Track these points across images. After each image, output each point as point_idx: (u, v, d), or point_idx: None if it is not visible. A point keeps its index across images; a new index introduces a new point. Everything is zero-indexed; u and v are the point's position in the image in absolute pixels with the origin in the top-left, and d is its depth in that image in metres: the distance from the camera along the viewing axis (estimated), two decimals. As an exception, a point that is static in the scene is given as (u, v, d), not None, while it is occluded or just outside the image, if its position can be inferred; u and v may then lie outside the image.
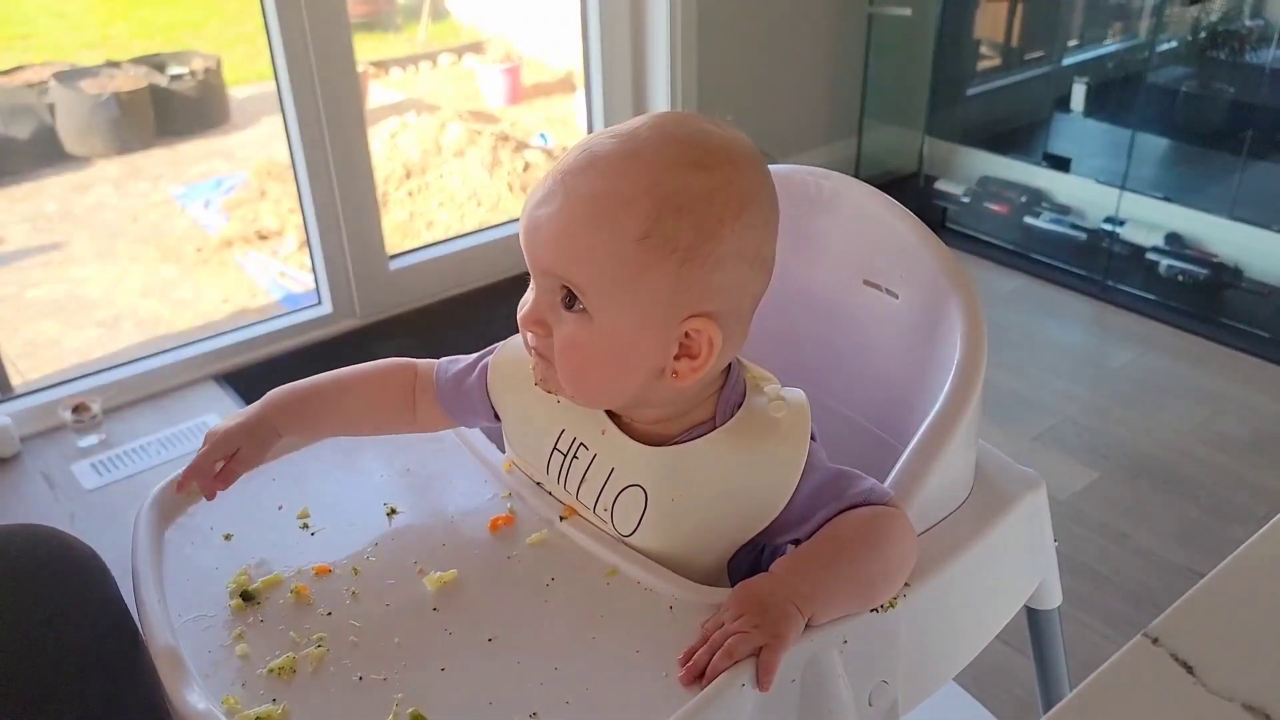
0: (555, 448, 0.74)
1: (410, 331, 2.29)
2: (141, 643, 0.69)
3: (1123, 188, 2.42)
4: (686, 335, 0.66)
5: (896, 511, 0.69)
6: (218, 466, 0.76)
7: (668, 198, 0.63)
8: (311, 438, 0.83)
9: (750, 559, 0.73)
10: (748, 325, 0.70)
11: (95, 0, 4.30)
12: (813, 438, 0.71)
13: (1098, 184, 2.51)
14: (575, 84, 3.60)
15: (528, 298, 0.69)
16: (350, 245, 2.24)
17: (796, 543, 0.70)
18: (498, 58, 4.00)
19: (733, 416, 0.70)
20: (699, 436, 0.70)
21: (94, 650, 0.65)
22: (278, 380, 0.81)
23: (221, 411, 2.01)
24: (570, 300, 0.65)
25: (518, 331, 0.79)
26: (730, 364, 0.73)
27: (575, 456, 0.73)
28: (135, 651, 0.67)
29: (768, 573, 0.66)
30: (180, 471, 0.76)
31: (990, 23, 2.88)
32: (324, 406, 0.80)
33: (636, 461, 0.70)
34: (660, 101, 2.52)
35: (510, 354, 0.77)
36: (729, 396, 0.71)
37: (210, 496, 0.76)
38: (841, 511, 0.68)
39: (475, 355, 0.80)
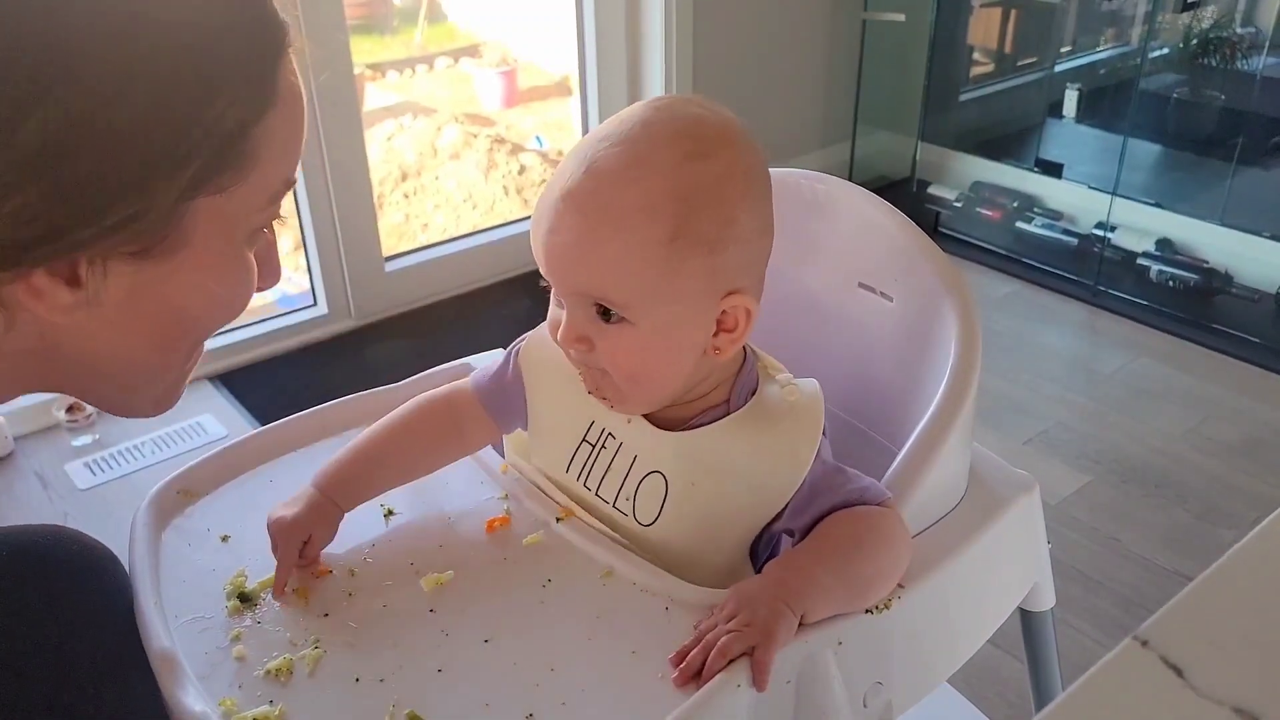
0: (584, 439, 0.74)
1: (405, 333, 2.29)
2: None
3: (1114, 193, 2.43)
4: (724, 313, 0.67)
5: (891, 511, 0.70)
6: (296, 556, 0.72)
7: (686, 196, 0.63)
8: (373, 497, 0.77)
9: (769, 548, 0.73)
10: (763, 286, 0.71)
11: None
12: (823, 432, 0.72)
13: (1090, 189, 2.52)
14: (571, 88, 3.60)
15: (558, 316, 0.68)
16: (346, 247, 2.23)
17: (791, 533, 0.71)
18: (494, 61, 4.00)
19: (746, 403, 0.71)
20: (714, 421, 0.71)
21: (112, 650, 0.65)
22: (273, 382, 0.80)
23: (216, 412, 2.00)
24: (607, 314, 0.65)
25: (514, 335, 0.80)
26: (745, 352, 0.74)
27: (603, 447, 0.73)
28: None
29: (760, 574, 0.67)
30: (274, 576, 0.71)
31: (984, 29, 2.90)
32: (376, 470, 0.77)
33: (657, 447, 0.71)
34: (655, 105, 2.52)
35: (539, 341, 0.77)
36: (744, 382, 0.72)
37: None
38: (835, 509, 0.69)
39: (504, 353, 0.80)
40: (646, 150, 0.64)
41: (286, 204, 0.60)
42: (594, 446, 0.74)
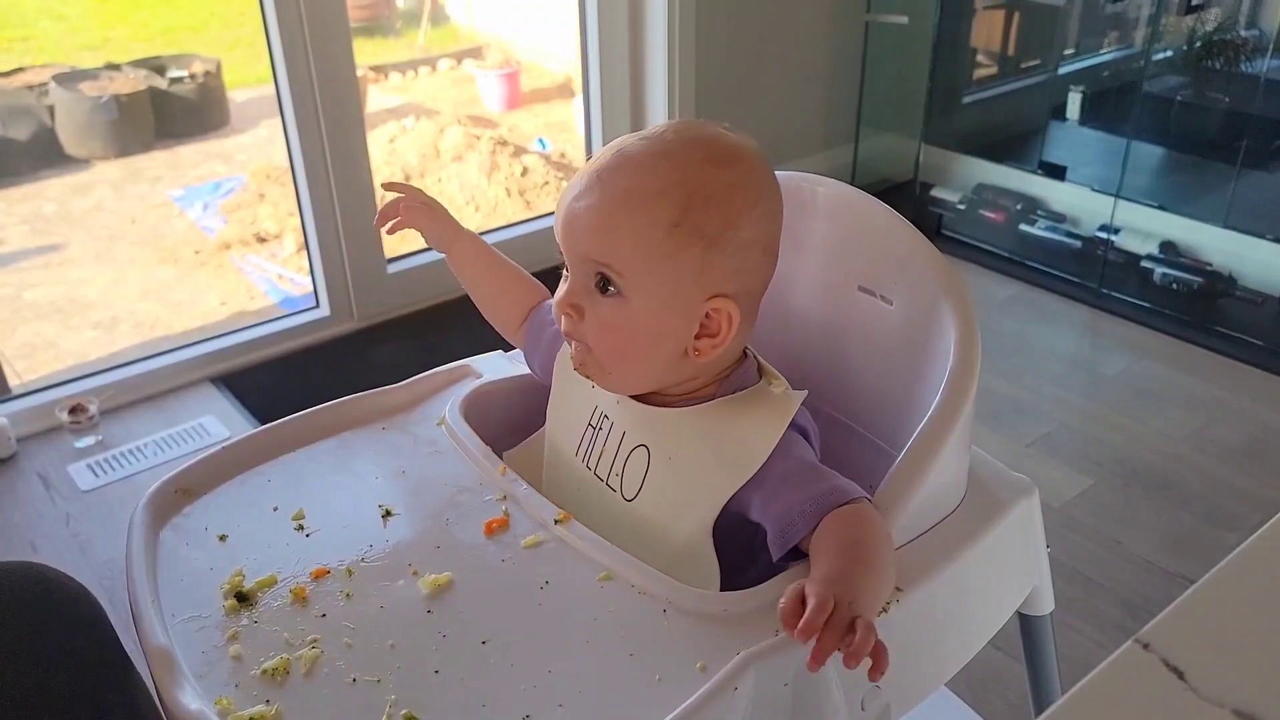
0: (589, 423, 0.81)
1: (408, 335, 2.29)
2: (137, 682, 0.68)
3: (1118, 196, 2.43)
4: (708, 315, 0.72)
5: (870, 506, 0.71)
6: (399, 209, 0.93)
7: (696, 190, 0.70)
8: (456, 267, 0.95)
9: (744, 539, 0.74)
10: (758, 308, 0.77)
11: (95, 3, 4.31)
12: (808, 439, 0.75)
13: (1093, 192, 2.51)
14: (574, 89, 3.61)
15: (563, 286, 0.75)
16: (348, 248, 2.24)
17: (758, 527, 0.73)
18: (497, 63, 4.01)
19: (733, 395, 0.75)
20: (697, 404, 0.76)
21: (84, 692, 0.64)
22: (275, 383, 0.81)
23: (219, 414, 2.01)
24: (605, 285, 0.72)
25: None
26: (746, 357, 0.78)
27: (599, 428, 0.80)
28: (128, 692, 0.66)
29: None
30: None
31: (987, 31, 2.89)
32: (487, 262, 0.94)
33: (642, 421, 0.77)
34: (658, 106, 2.52)
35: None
36: (734, 380, 0.77)
37: (386, 228, 0.94)
38: (806, 503, 0.69)
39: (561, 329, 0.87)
40: (671, 148, 0.72)
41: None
42: (595, 430, 0.80)
